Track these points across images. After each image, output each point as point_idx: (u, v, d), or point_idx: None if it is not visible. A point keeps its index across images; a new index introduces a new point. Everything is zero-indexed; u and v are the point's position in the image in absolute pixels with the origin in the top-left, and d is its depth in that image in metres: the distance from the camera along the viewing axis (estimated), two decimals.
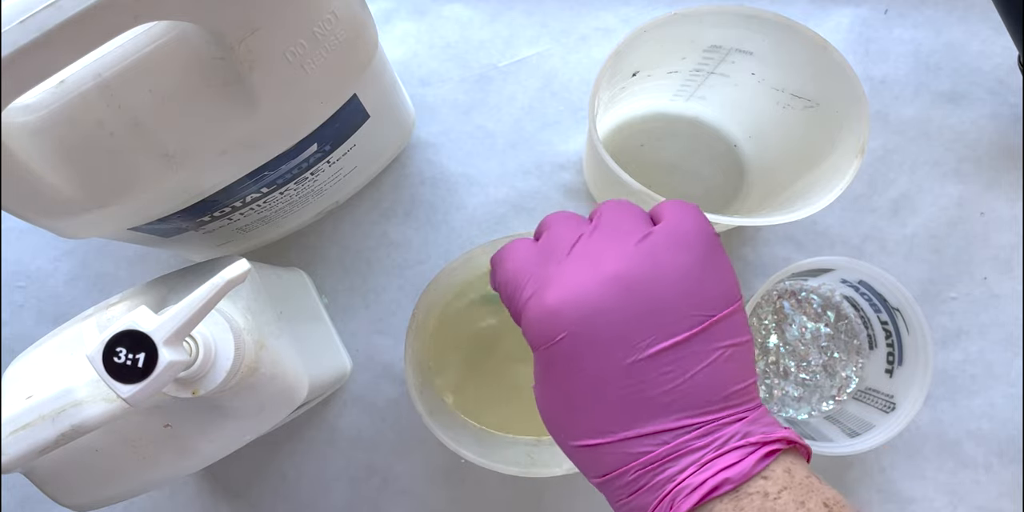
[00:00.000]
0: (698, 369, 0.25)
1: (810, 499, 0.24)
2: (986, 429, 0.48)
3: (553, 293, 0.26)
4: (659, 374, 0.25)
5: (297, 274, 0.47)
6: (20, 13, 0.24)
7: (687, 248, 0.26)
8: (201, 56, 0.31)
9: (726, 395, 0.25)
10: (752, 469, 0.24)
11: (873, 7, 0.51)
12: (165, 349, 0.27)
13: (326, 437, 0.48)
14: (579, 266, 0.27)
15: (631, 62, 0.41)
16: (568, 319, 0.26)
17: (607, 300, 0.25)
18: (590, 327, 0.25)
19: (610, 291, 0.25)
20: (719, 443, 0.25)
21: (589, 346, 0.25)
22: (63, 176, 0.31)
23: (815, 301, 0.49)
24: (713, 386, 0.25)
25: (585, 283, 0.26)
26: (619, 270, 0.26)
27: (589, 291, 0.26)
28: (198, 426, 0.34)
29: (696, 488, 0.24)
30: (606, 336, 0.25)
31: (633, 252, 0.26)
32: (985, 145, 0.50)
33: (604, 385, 0.25)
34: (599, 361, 0.25)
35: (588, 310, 0.25)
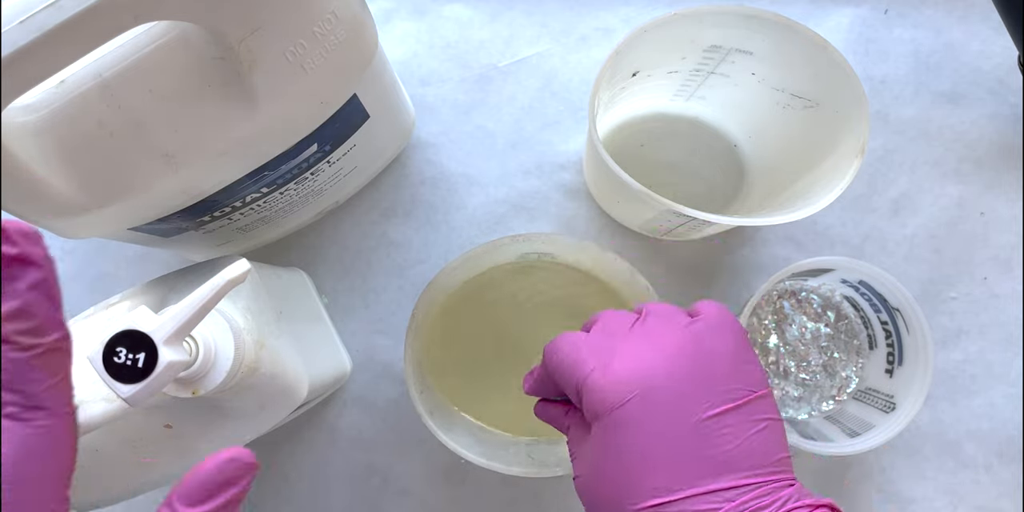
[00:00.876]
0: (752, 433, 0.28)
1: None
2: (986, 429, 0.48)
3: (619, 363, 0.29)
4: (719, 435, 0.27)
5: (297, 274, 0.47)
6: (20, 13, 0.24)
7: (729, 334, 0.30)
8: (201, 56, 0.31)
9: (776, 460, 0.28)
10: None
11: (873, 7, 0.51)
12: (165, 349, 0.27)
13: (326, 437, 0.48)
14: (639, 343, 0.30)
15: (631, 62, 0.41)
16: (635, 384, 0.28)
17: (669, 370, 0.28)
18: (656, 391, 0.28)
19: (671, 363, 0.29)
20: (779, 504, 0.26)
21: (657, 406, 0.28)
22: (63, 176, 0.31)
23: (815, 301, 0.49)
24: (765, 451, 0.27)
25: (647, 356, 0.29)
26: (676, 347, 0.29)
27: (652, 361, 0.29)
28: (198, 426, 0.34)
29: None
30: (671, 399, 0.28)
31: (685, 333, 0.30)
32: (985, 145, 0.50)
33: (669, 444, 0.27)
34: (666, 420, 0.28)
35: (653, 376, 0.28)
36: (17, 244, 0.21)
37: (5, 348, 0.21)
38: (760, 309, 0.48)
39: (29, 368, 0.22)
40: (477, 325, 0.46)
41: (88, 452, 0.34)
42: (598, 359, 0.30)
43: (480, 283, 0.46)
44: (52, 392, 0.22)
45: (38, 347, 0.22)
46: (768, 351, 0.48)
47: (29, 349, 0.22)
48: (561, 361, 0.31)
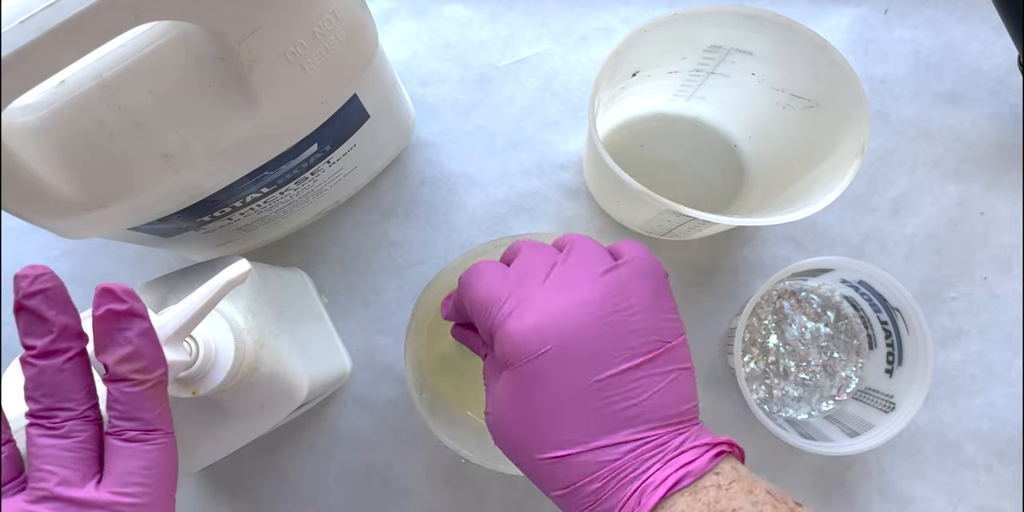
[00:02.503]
0: (660, 386, 0.28)
1: (755, 488, 0.27)
2: (986, 429, 0.48)
3: (535, 312, 0.29)
4: (628, 389, 0.28)
5: (297, 274, 0.47)
6: (20, 13, 0.24)
7: (649, 281, 0.30)
8: (201, 56, 0.31)
9: (681, 411, 0.28)
10: (708, 465, 0.27)
11: (873, 7, 0.51)
12: (165, 349, 0.27)
13: (326, 437, 0.48)
14: (556, 291, 0.29)
15: (631, 62, 0.41)
16: (551, 335, 0.28)
17: (585, 322, 0.28)
18: (571, 344, 0.28)
19: (587, 314, 0.28)
20: (675, 445, 0.27)
21: (569, 361, 0.28)
22: (63, 176, 0.31)
23: (815, 301, 0.49)
24: (671, 402, 0.28)
25: (564, 306, 0.28)
26: (593, 296, 0.29)
27: (569, 312, 0.28)
28: (198, 426, 0.34)
29: (661, 483, 0.26)
30: (586, 352, 0.28)
31: (604, 281, 0.29)
32: (985, 145, 0.50)
33: (578, 398, 0.28)
34: (576, 375, 0.28)
35: (568, 329, 0.28)
36: (125, 301, 0.27)
37: (122, 385, 0.26)
38: (760, 309, 0.48)
39: (143, 399, 0.27)
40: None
41: None
42: (512, 303, 0.29)
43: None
44: (162, 416, 0.27)
45: (148, 382, 0.27)
46: (768, 351, 0.48)
47: (141, 384, 0.27)
48: (475, 297, 0.31)
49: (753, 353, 0.48)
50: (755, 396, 0.47)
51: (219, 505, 0.48)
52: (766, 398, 0.48)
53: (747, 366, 0.48)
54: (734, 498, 0.26)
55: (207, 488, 0.48)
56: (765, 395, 0.48)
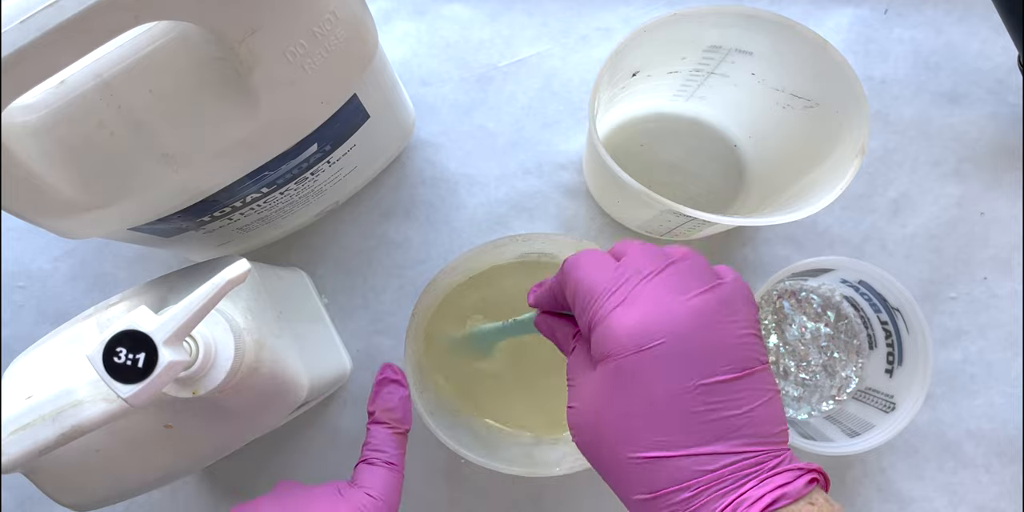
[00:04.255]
0: (761, 402, 0.27)
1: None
2: (986, 429, 0.48)
3: (645, 307, 0.28)
4: (733, 399, 0.27)
5: (297, 274, 0.47)
6: (20, 13, 0.24)
7: (749, 303, 0.29)
8: (201, 56, 0.31)
9: (777, 432, 0.28)
10: (803, 489, 0.26)
11: (873, 7, 0.51)
12: (165, 349, 0.27)
13: (326, 437, 0.48)
14: (666, 292, 0.29)
15: (631, 62, 0.41)
16: (661, 331, 0.27)
17: (690, 327, 0.28)
18: (679, 343, 0.27)
19: (692, 320, 0.28)
20: (770, 466, 0.27)
21: (676, 360, 0.27)
22: (63, 176, 0.31)
23: (815, 301, 0.49)
24: (770, 421, 0.28)
25: (674, 306, 0.28)
26: (703, 305, 0.28)
27: (678, 313, 0.28)
28: (198, 426, 0.34)
29: (758, 500, 0.26)
30: (687, 356, 0.27)
31: (714, 293, 0.29)
32: (985, 145, 0.50)
33: (682, 399, 0.27)
34: (682, 376, 0.27)
35: (674, 330, 0.27)
36: (396, 373, 0.43)
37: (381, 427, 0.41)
38: (760, 309, 0.48)
39: (392, 440, 0.41)
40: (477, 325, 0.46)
41: (88, 452, 0.34)
42: (620, 295, 0.29)
43: (480, 283, 0.46)
44: (399, 455, 0.40)
45: (399, 429, 0.41)
46: (768, 351, 0.48)
47: (394, 429, 0.41)
48: (580, 283, 0.30)
49: None
50: None
51: (219, 505, 0.48)
52: None
53: None
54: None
55: (207, 488, 0.48)
56: None
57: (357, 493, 0.37)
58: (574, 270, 0.31)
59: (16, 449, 0.30)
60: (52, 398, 0.30)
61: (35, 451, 0.30)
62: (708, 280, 0.29)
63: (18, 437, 0.30)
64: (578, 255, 0.32)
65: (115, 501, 0.36)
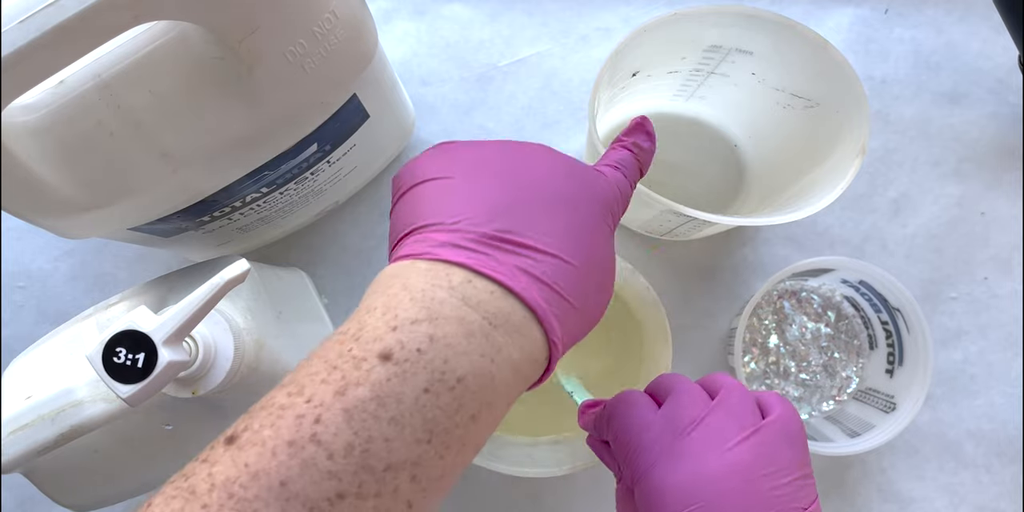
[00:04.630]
0: None
1: None
2: (986, 429, 0.48)
3: (681, 469, 0.29)
4: None
5: (297, 274, 0.47)
6: (20, 13, 0.24)
7: (794, 445, 0.29)
8: (201, 56, 0.31)
9: None
10: None
11: (873, 7, 0.51)
12: (165, 349, 0.27)
13: None
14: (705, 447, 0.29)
15: (631, 62, 0.41)
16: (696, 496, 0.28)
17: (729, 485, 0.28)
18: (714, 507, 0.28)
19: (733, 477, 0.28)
20: None
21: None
22: (63, 176, 0.31)
23: (815, 301, 0.48)
24: None
25: (711, 466, 0.28)
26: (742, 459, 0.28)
27: (716, 475, 0.28)
28: (198, 426, 0.34)
29: None
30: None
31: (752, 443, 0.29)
32: (985, 145, 0.50)
33: None
34: None
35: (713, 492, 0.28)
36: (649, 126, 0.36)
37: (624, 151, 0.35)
38: (760, 309, 0.48)
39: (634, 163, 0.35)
40: None
41: (88, 452, 0.34)
42: (657, 452, 0.29)
43: None
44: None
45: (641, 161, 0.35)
46: (768, 351, 0.48)
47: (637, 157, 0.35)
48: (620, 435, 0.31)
49: (753, 353, 0.48)
50: None
51: None
52: None
53: (747, 366, 0.48)
54: None
55: None
56: None
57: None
58: (614, 419, 0.32)
59: (16, 449, 0.30)
60: (52, 398, 0.30)
61: (35, 451, 0.30)
62: (749, 423, 0.30)
63: (18, 437, 0.30)
64: (618, 400, 0.32)
65: (115, 501, 0.36)
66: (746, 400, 0.31)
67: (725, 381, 0.32)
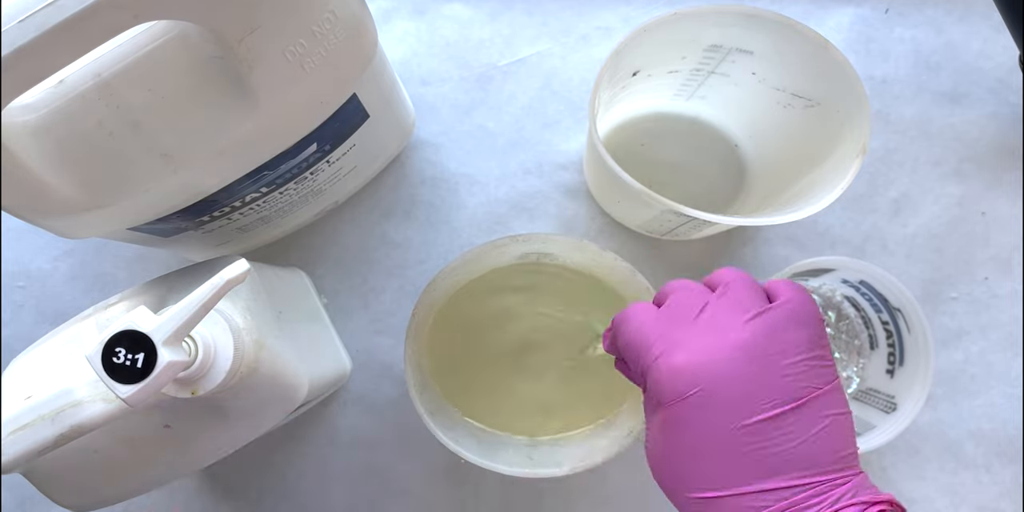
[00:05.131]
0: (814, 432, 0.27)
1: None
2: (987, 429, 0.48)
3: (685, 353, 0.29)
4: (780, 434, 0.27)
5: (297, 274, 0.46)
6: (20, 13, 0.24)
7: (802, 326, 0.29)
8: (201, 56, 0.31)
9: (836, 458, 0.27)
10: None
11: (874, 6, 0.51)
12: (164, 349, 0.27)
13: (326, 437, 0.48)
14: (707, 332, 0.29)
15: (631, 61, 0.41)
16: (700, 377, 0.28)
17: (735, 365, 0.28)
18: (721, 386, 0.28)
19: (737, 357, 0.28)
20: (832, 500, 0.26)
21: (716, 404, 0.28)
22: (63, 176, 0.31)
23: (816, 301, 0.48)
24: (826, 449, 0.27)
25: (714, 348, 0.28)
26: (745, 340, 0.28)
27: (719, 355, 0.28)
28: (198, 426, 0.34)
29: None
30: (735, 396, 0.27)
31: (756, 324, 0.28)
32: (985, 145, 0.50)
33: (726, 442, 0.27)
34: (724, 419, 0.27)
35: (719, 371, 0.28)
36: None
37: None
38: None
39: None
40: (477, 325, 0.46)
41: (87, 452, 0.34)
42: (664, 344, 0.29)
43: (480, 283, 0.45)
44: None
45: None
46: None
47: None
48: (628, 340, 0.31)
49: None
50: None
51: (219, 505, 0.48)
52: None
53: None
54: None
55: (207, 488, 0.48)
56: None
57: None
58: (619, 328, 0.32)
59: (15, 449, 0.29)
60: (51, 398, 0.30)
61: (34, 451, 0.30)
62: (755, 306, 0.29)
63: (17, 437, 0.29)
64: (623, 311, 0.32)
65: (114, 501, 0.36)
66: (752, 288, 0.30)
67: (729, 273, 0.32)
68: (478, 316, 0.46)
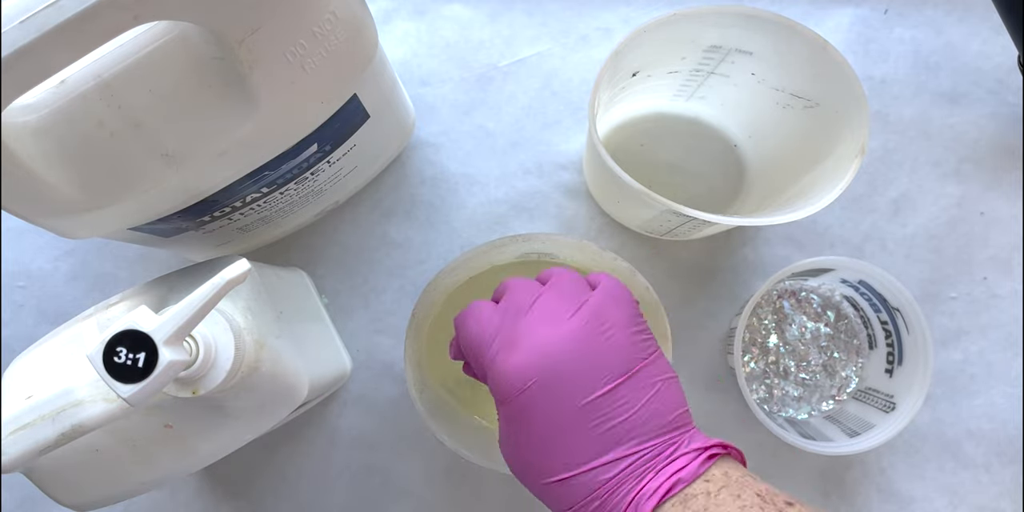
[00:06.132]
0: (644, 400, 0.29)
1: (744, 492, 0.27)
2: (986, 429, 0.48)
3: (518, 350, 0.30)
4: (618, 406, 0.29)
5: (297, 274, 0.47)
6: (20, 13, 0.24)
7: (623, 305, 0.31)
8: (201, 56, 0.31)
9: (670, 420, 0.29)
10: (699, 469, 0.28)
11: (873, 7, 0.51)
12: (165, 349, 0.27)
13: (326, 437, 0.48)
14: (538, 324, 0.31)
15: (631, 62, 0.41)
16: (534, 370, 0.29)
17: (565, 352, 0.30)
18: (553, 374, 0.29)
19: (566, 344, 0.30)
20: (667, 454, 0.28)
21: (553, 391, 0.29)
22: (63, 176, 0.31)
23: (815, 301, 0.49)
24: (659, 413, 0.29)
25: (545, 338, 0.30)
26: (573, 326, 0.30)
27: (549, 345, 0.30)
28: (198, 426, 0.34)
29: (654, 492, 0.27)
30: (570, 379, 0.29)
31: (582, 311, 0.31)
32: (985, 145, 0.50)
33: (570, 423, 0.29)
34: (563, 402, 0.29)
35: (550, 361, 0.29)
36: None
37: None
38: (760, 309, 0.48)
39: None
40: None
41: (88, 452, 0.34)
42: (499, 342, 0.31)
43: (480, 283, 0.45)
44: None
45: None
46: (768, 351, 0.48)
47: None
48: (467, 340, 0.33)
49: (753, 353, 0.48)
50: (755, 396, 0.47)
51: (219, 505, 0.48)
52: (766, 398, 0.48)
53: (747, 366, 0.48)
54: (722, 504, 0.26)
55: (207, 488, 0.48)
56: (765, 395, 0.48)
57: None
58: (459, 329, 0.34)
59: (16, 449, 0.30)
60: (52, 398, 0.30)
61: (35, 451, 0.30)
62: (578, 298, 0.31)
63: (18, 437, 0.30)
64: (462, 312, 0.34)
65: (115, 501, 0.36)
66: (576, 281, 0.33)
67: (556, 270, 0.34)
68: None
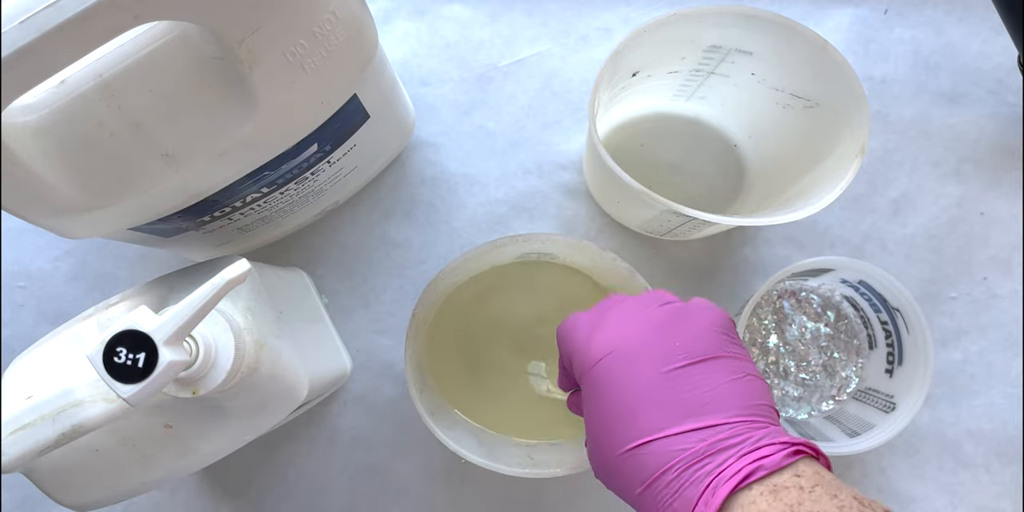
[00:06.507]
0: (727, 380, 0.29)
1: (841, 493, 0.26)
2: (986, 429, 0.48)
3: (602, 330, 0.32)
4: (696, 380, 0.29)
5: (297, 274, 0.47)
6: (20, 13, 0.24)
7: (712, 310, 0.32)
8: (201, 56, 0.31)
9: (752, 405, 0.29)
10: (782, 461, 0.26)
11: (873, 7, 0.51)
12: (165, 349, 0.27)
13: (326, 437, 0.48)
14: (624, 313, 0.32)
15: (631, 62, 0.41)
16: (615, 341, 0.31)
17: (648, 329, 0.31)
18: (634, 344, 0.30)
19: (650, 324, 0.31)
20: (752, 440, 0.27)
21: (633, 360, 0.30)
22: (63, 176, 0.31)
23: (815, 301, 0.49)
24: (741, 395, 0.29)
25: (628, 323, 0.31)
26: (657, 315, 0.31)
27: (631, 326, 0.31)
28: (198, 426, 0.34)
29: (734, 474, 0.26)
30: (647, 352, 0.30)
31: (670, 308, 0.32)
32: (985, 145, 0.50)
33: (647, 391, 0.29)
34: (641, 371, 0.29)
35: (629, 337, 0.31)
36: None
37: None
38: (760, 309, 0.48)
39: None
40: (477, 325, 0.46)
41: (88, 452, 0.34)
42: (587, 330, 0.32)
43: (480, 283, 0.46)
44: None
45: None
46: (768, 351, 0.48)
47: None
48: (562, 337, 0.34)
49: (753, 353, 0.48)
50: None
51: (219, 505, 0.48)
52: None
53: None
54: (818, 501, 0.25)
55: (207, 488, 0.48)
56: None
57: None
58: (559, 333, 0.35)
59: (16, 449, 0.30)
60: (52, 398, 0.30)
61: (35, 451, 0.30)
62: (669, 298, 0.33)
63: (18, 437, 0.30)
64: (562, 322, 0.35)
65: (115, 501, 0.36)
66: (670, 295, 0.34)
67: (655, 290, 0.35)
68: (478, 316, 0.46)
